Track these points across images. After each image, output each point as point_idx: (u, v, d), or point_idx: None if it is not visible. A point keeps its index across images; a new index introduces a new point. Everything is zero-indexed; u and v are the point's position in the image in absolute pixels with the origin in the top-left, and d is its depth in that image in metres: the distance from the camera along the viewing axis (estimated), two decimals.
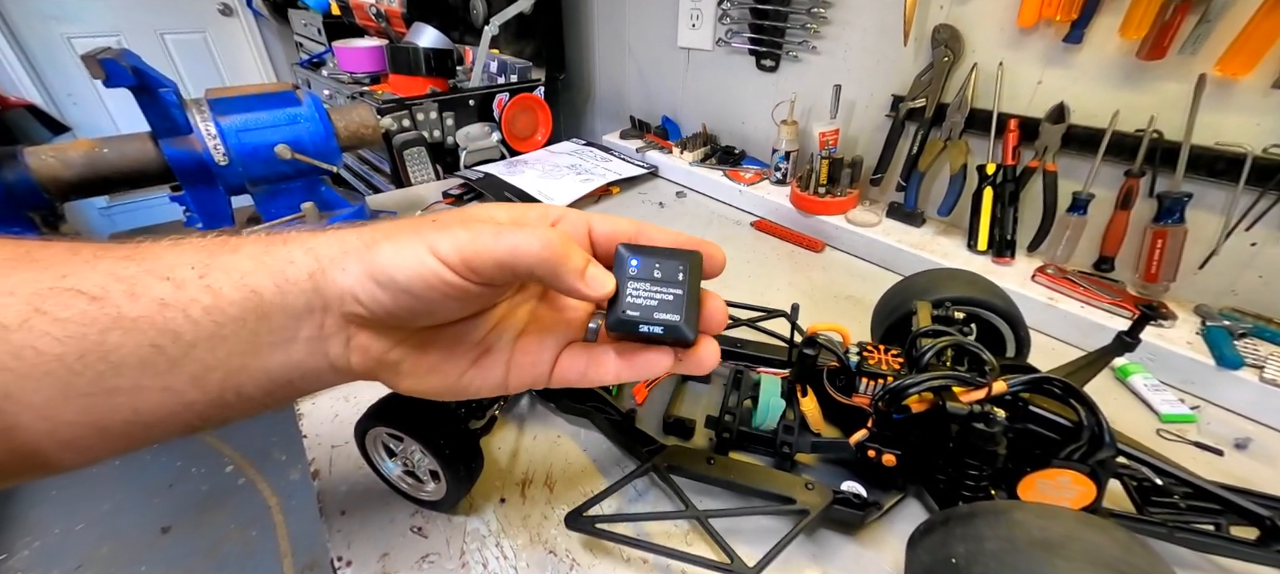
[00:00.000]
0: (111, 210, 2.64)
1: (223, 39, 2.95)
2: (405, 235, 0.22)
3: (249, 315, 0.22)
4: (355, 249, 0.22)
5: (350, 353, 0.24)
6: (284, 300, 0.22)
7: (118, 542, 1.31)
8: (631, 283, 0.23)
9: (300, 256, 0.22)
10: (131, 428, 0.21)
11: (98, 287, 0.20)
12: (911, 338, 0.39)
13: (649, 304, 0.22)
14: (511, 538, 0.38)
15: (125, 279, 0.20)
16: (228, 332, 0.21)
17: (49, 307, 0.19)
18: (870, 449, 0.37)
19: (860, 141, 0.81)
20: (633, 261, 0.23)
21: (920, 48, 0.69)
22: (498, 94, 1.15)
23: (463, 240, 0.21)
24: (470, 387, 0.26)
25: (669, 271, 0.23)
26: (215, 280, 0.21)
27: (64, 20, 2.52)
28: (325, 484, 0.42)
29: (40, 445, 0.20)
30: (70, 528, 1.34)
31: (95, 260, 0.20)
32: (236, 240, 0.23)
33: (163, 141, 0.68)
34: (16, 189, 0.61)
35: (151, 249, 0.22)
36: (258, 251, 0.22)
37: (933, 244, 0.70)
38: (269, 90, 0.74)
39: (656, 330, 0.22)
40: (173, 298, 0.21)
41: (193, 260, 0.22)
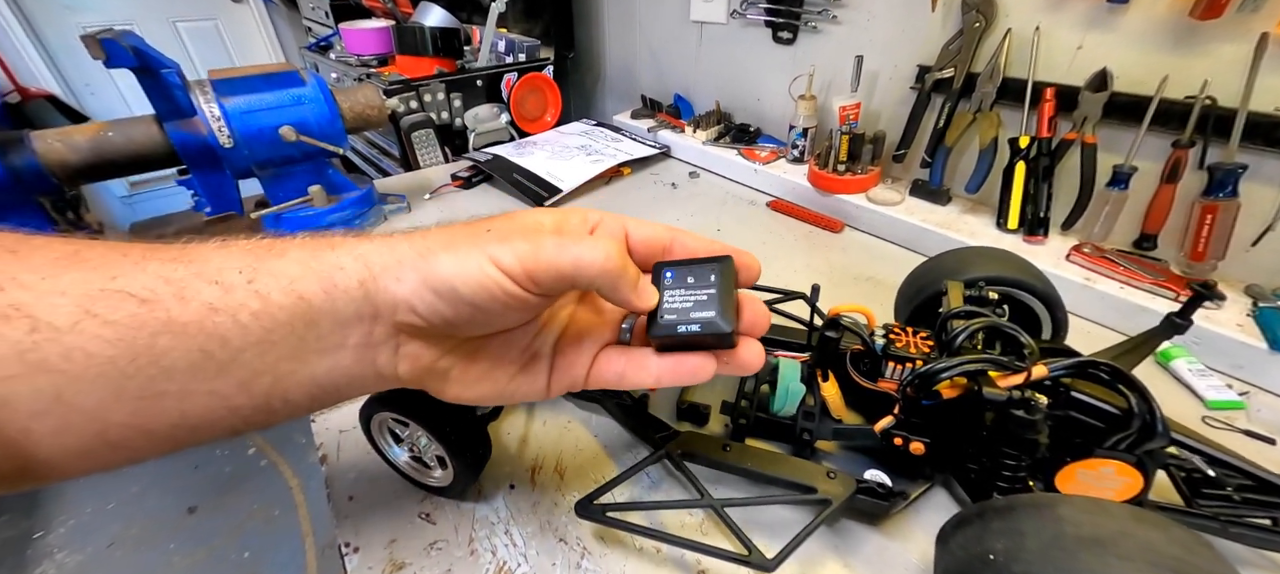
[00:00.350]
0: (133, 199, 2.68)
1: (234, 25, 2.97)
2: (463, 245, 0.22)
3: (297, 322, 0.22)
4: (409, 259, 0.22)
5: (398, 361, 0.24)
6: (333, 307, 0.22)
7: (147, 521, 1.35)
8: (667, 292, 0.24)
9: (350, 263, 0.22)
10: (177, 430, 0.21)
11: (147, 289, 0.20)
12: (942, 319, 0.37)
13: (684, 307, 0.23)
14: (521, 525, 0.37)
15: (174, 281, 0.20)
16: (276, 337, 0.21)
17: (99, 309, 0.19)
18: (897, 437, 0.35)
19: (883, 116, 0.77)
20: (668, 274, 0.24)
21: (949, 14, 0.65)
22: (506, 74, 1.13)
23: (524, 252, 0.22)
24: (517, 393, 0.26)
25: (701, 277, 0.24)
26: (263, 285, 0.21)
27: (80, 10, 2.54)
28: (333, 469, 0.41)
29: (90, 446, 0.20)
30: (102, 507, 1.39)
31: (144, 262, 0.20)
32: (283, 243, 0.23)
33: (168, 124, 0.68)
34: (24, 174, 0.61)
35: (199, 251, 0.22)
36: (305, 257, 0.22)
37: (959, 223, 0.66)
38: (272, 71, 0.73)
39: (694, 328, 0.23)
40: (221, 302, 0.20)
41: (241, 264, 0.21)
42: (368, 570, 0.34)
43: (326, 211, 0.77)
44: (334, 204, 0.77)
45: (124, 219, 2.78)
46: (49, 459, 0.19)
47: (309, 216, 0.76)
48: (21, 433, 0.19)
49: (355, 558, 0.35)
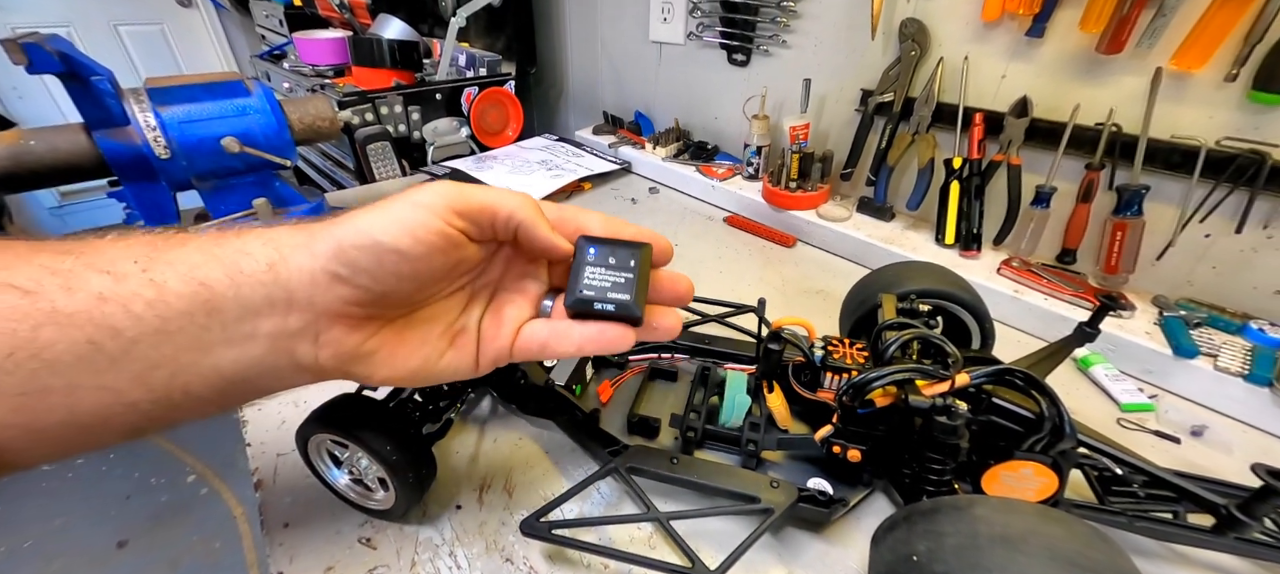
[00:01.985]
0: (63, 210, 2.51)
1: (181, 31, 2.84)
2: (384, 204, 0.22)
3: (197, 310, 0.21)
4: (321, 230, 0.22)
5: (319, 349, 0.23)
6: (238, 293, 0.21)
7: (69, 558, 1.25)
8: (588, 267, 0.25)
9: (258, 248, 0.22)
10: (67, 430, 0.20)
11: (31, 281, 0.19)
12: (876, 331, 0.38)
13: (603, 286, 0.25)
14: (466, 546, 0.36)
15: (61, 272, 0.19)
16: (174, 327, 0.21)
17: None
18: (835, 445, 0.36)
19: (831, 136, 0.81)
20: (591, 250, 0.25)
21: (888, 42, 0.69)
22: (466, 88, 1.12)
23: (447, 189, 0.23)
24: (447, 368, 0.26)
25: (622, 259, 0.25)
26: (160, 274, 0.20)
27: (10, 10, 2.39)
28: (269, 495, 0.39)
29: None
30: (17, 546, 1.27)
31: (30, 255, 0.20)
32: (186, 235, 0.22)
33: (97, 133, 0.64)
34: None
35: (92, 244, 0.21)
36: (208, 244, 0.22)
37: (902, 238, 0.70)
38: (215, 80, 0.70)
39: (609, 308, 0.25)
40: (112, 292, 0.20)
41: (136, 254, 0.21)
42: None
43: None
44: (282, 217, 0.75)
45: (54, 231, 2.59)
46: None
47: None
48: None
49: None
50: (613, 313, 0.25)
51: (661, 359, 0.50)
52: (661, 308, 0.27)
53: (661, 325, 0.26)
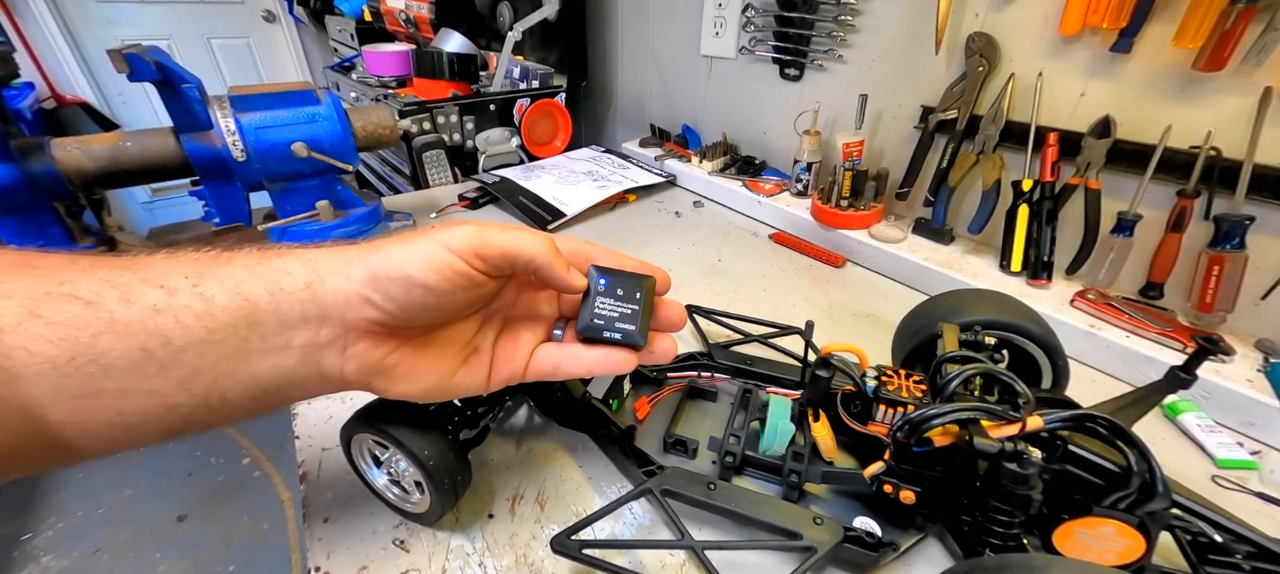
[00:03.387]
0: (154, 204, 2.74)
1: (264, 44, 3.08)
2: (413, 240, 0.25)
3: (240, 323, 0.23)
4: (357, 257, 0.24)
5: (345, 362, 0.25)
6: (277, 308, 0.23)
7: (136, 528, 1.34)
8: (599, 297, 0.29)
9: (297, 268, 0.24)
10: (114, 429, 0.22)
11: (93, 292, 0.21)
12: (936, 363, 0.36)
13: (611, 315, 0.28)
14: (496, 558, 0.36)
15: (119, 285, 0.21)
16: (218, 337, 0.22)
17: (45, 310, 0.20)
18: (886, 484, 0.33)
19: (887, 154, 0.77)
20: (601, 281, 0.29)
21: (953, 57, 0.66)
22: (519, 99, 1.15)
23: (472, 234, 0.25)
24: (460, 385, 0.28)
25: (629, 291, 0.29)
26: (208, 288, 0.22)
27: (120, 25, 2.64)
28: (312, 488, 0.40)
29: (24, 445, 0.20)
30: (92, 512, 1.38)
31: (92, 269, 0.22)
32: (231, 253, 0.24)
33: (184, 136, 0.69)
34: (42, 180, 0.63)
35: (147, 260, 0.23)
36: (252, 263, 0.24)
37: (962, 263, 0.66)
38: (290, 89, 0.75)
39: (616, 336, 0.28)
40: (165, 304, 0.22)
41: (187, 270, 0.23)
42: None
43: (332, 226, 0.78)
44: (340, 219, 0.78)
45: (144, 223, 2.84)
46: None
47: (314, 231, 0.77)
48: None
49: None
50: (619, 340, 0.28)
51: (701, 379, 0.48)
52: (660, 334, 0.31)
53: (659, 349, 0.30)
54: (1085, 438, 0.31)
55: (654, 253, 0.76)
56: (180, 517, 1.37)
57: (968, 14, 0.63)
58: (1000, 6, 0.60)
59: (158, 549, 1.29)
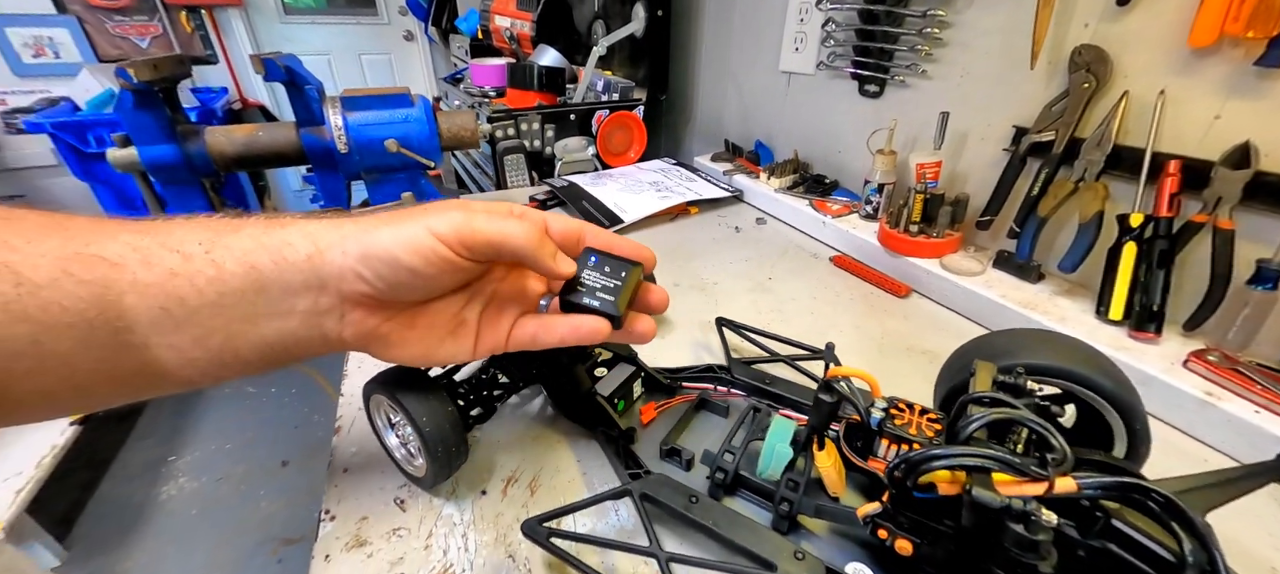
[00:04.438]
0: (303, 192, 3.18)
1: (402, 59, 3.51)
2: (403, 220, 0.26)
3: (249, 289, 0.25)
4: (353, 234, 0.26)
5: (344, 327, 0.27)
6: (282, 277, 0.25)
7: (249, 466, 1.56)
8: (588, 271, 0.30)
9: (299, 240, 0.26)
10: (138, 379, 0.25)
11: (118, 255, 0.23)
12: (960, 403, 0.31)
13: (594, 286, 0.30)
14: (479, 532, 0.37)
15: (141, 249, 0.23)
16: (229, 302, 0.25)
17: (75, 269, 0.22)
18: (881, 528, 0.30)
19: (971, 178, 0.70)
20: (593, 258, 0.31)
21: (1054, 72, 0.58)
22: (598, 110, 1.19)
23: (459, 222, 0.26)
24: (446, 354, 0.30)
25: (616, 270, 0.30)
26: (219, 256, 0.24)
27: (296, 42, 3.13)
28: (341, 440, 0.45)
29: (57, 389, 0.23)
30: (221, 447, 1.62)
31: (116, 232, 0.24)
32: (239, 222, 0.26)
33: (302, 129, 0.81)
34: (195, 159, 0.76)
35: (165, 225, 0.25)
36: (258, 232, 0.26)
37: (1048, 305, 0.57)
38: (389, 92, 0.84)
39: (594, 304, 0.29)
40: (181, 269, 0.24)
41: (200, 237, 0.25)
42: (335, 540, 0.36)
43: None
44: None
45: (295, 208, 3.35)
46: (20, 398, 0.22)
47: None
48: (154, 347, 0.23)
49: (329, 525, 0.37)
50: (596, 308, 0.29)
51: (715, 392, 0.47)
52: (639, 315, 0.31)
53: (637, 330, 0.31)
54: (1137, 515, 0.25)
55: (703, 264, 0.75)
56: (284, 462, 1.57)
57: (1074, 25, 0.55)
58: (1114, 16, 0.52)
59: (263, 487, 1.49)
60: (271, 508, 1.44)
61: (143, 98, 0.69)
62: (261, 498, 1.46)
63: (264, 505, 1.44)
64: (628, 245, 0.31)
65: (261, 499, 1.46)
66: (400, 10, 3.22)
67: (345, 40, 3.30)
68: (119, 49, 2.67)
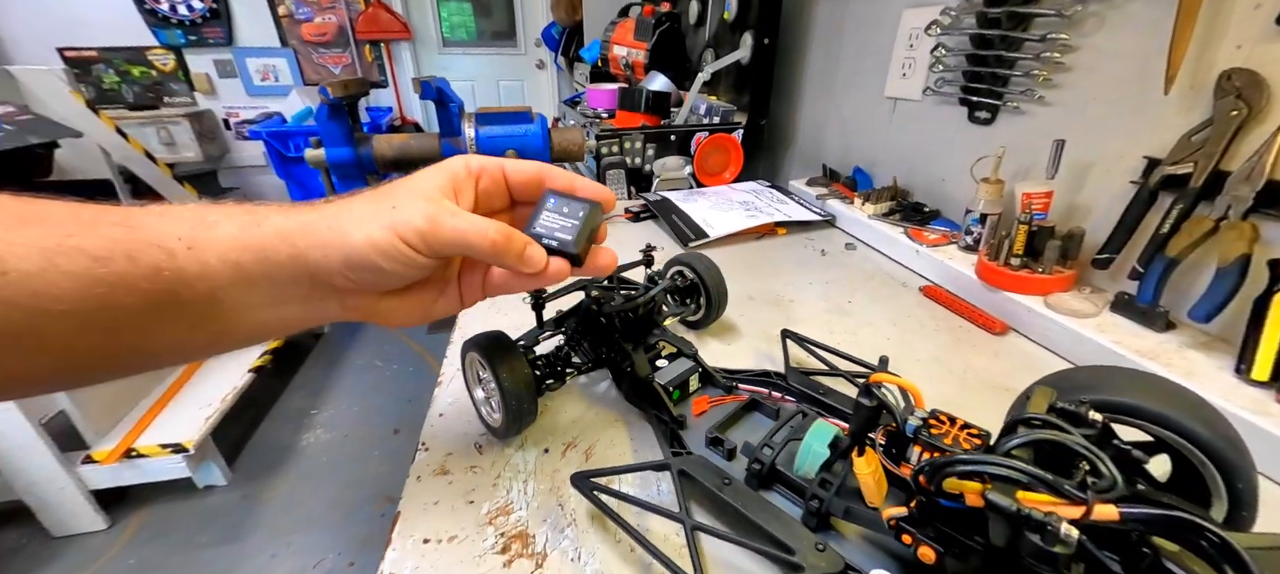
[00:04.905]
0: None
1: (534, 85, 3.90)
2: (372, 223, 0.26)
3: (238, 285, 0.26)
4: (330, 239, 0.26)
5: (344, 310, 0.30)
6: (268, 274, 0.26)
7: (367, 428, 1.80)
8: (546, 213, 0.32)
9: (281, 247, 0.26)
10: (137, 355, 0.26)
11: (102, 249, 0.22)
12: (1008, 423, 0.31)
13: (552, 227, 0.32)
14: (537, 481, 0.42)
15: (122, 243, 0.23)
16: (220, 296, 0.25)
17: (60, 262, 0.22)
18: (906, 534, 0.30)
19: (1093, 212, 0.63)
20: (551, 200, 0.33)
21: (1197, 98, 0.52)
22: (698, 133, 1.25)
23: (424, 226, 0.27)
24: (439, 311, 0.34)
25: (573, 211, 0.32)
26: (202, 253, 0.25)
27: (449, 70, 3.62)
28: (440, 392, 0.53)
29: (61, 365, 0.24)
30: (350, 408, 1.89)
31: (94, 224, 0.23)
32: (214, 217, 0.26)
33: (444, 139, 0.96)
34: (364, 159, 0.93)
35: (140, 217, 0.24)
36: (236, 231, 0.26)
37: (1175, 357, 0.50)
38: (513, 110, 0.97)
39: (553, 244, 0.31)
40: (167, 265, 0.24)
41: (180, 232, 0.25)
42: (425, 467, 0.44)
43: None
44: None
45: None
46: (23, 375, 0.23)
47: None
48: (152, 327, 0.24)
49: (423, 454, 0.45)
50: (556, 248, 0.31)
51: (769, 397, 0.48)
52: (601, 248, 0.33)
53: (600, 263, 0.33)
54: (1195, 560, 0.23)
55: (781, 282, 0.76)
56: (396, 430, 1.79)
57: (1224, 46, 0.49)
58: (1274, 36, 0.46)
59: (376, 448, 1.71)
60: (381, 468, 1.65)
61: (334, 110, 0.88)
62: (374, 458, 1.68)
63: (375, 465, 1.66)
64: (588, 186, 0.32)
65: (374, 459, 1.68)
66: (536, 42, 3.59)
67: (488, 68, 3.75)
68: (319, 75, 3.28)
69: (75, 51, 2.85)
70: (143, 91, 2.95)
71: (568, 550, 0.37)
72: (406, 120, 3.48)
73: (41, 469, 1.34)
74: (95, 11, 2.85)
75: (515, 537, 0.37)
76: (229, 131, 3.17)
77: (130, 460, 1.42)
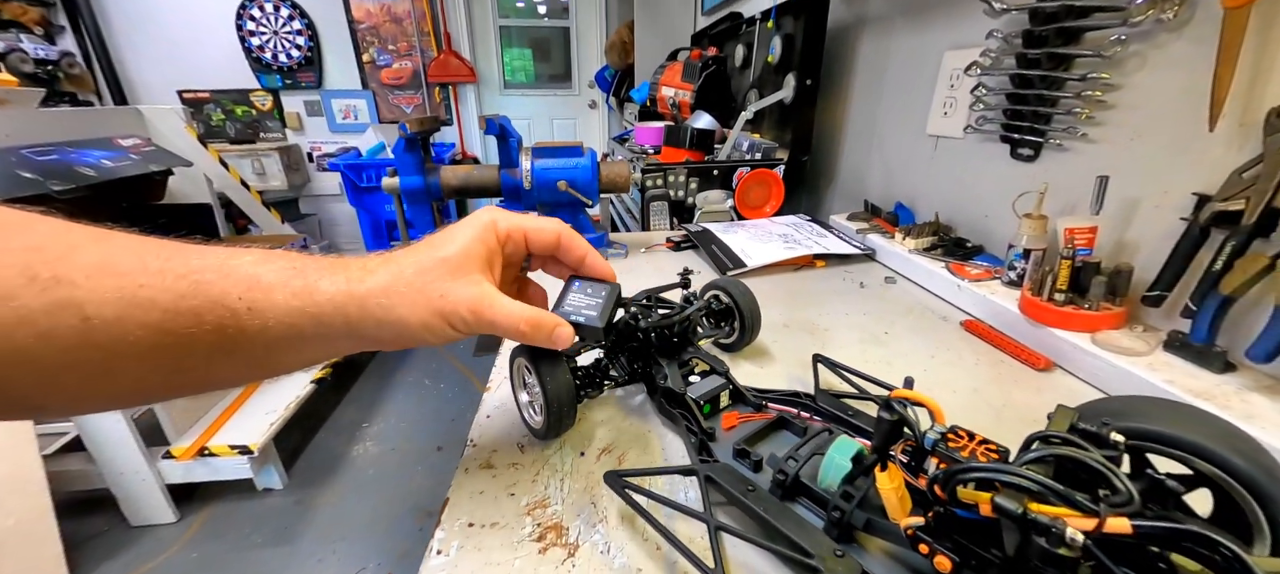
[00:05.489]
0: None
1: (586, 123, 4.10)
2: (423, 310, 0.31)
3: (292, 340, 0.30)
4: (386, 321, 0.31)
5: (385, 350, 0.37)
6: (321, 333, 0.30)
7: (412, 444, 1.87)
8: (573, 293, 0.42)
9: (332, 314, 0.30)
10: (201, 386, 0.30)
11: (172, 303, 0.26)
12: (1028, 439, 0.31)
13: (579, 306, 0.41)
14: (573, 481, 0.45)
15: (188, 299, 0.26)
16: (275, 347, 0.29)
17: (134, 313, 0.25)
18: (923, 543, 0.31)
19: (1142, 249, 0.62)
20: (576, 283, 0.42)
21: (1246, 135, 0.51)
22: (739, 168, 1.29)
23: (472, 321, 0.32)
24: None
25: (596, 292, 0.42)
26: (262, 315, 0.28)
27: (509, 110, 3.87)
28: (489, 396, 0.57)
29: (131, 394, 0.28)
30: (398, 424, 1.98)
31: (163, 274, 0.26)
32: (269, 278, 0.29)
33: (503, 170, 1.04)
34: (432, 188, 1.02)
35: (202, 273, 0.27)
36: (289, 298, 0.29)
37: (1233, 399, 0.48)
38: (566, 145, 1.04)
39: (580, 320, 0.40)
40: (229, 322, 0.27)
41: (239, 292, 0.28)
42: (472, 459, 0.48)
43: None
44: None
45: None
46: (98, 402, 0.27)
47: None
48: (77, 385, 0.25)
49: (470, 450, 0.49)
50: (582, 324, 0.39)
51: (797, 416, 0.49)
52: None
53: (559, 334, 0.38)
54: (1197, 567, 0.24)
55: (818, 311, 0.77)
56: (439, 447, 1.86)
57: (1273, 84, 0.49)
58: None
59: (419, 464, 1.78)
60: (423, 484, 1.71)
61: (410, 143, 0.97)
62: (417, 473, 1.75)
63: (418, 480, 1.72)
64: (598, 265, 0.41)
65: (417, 474, 1.75)
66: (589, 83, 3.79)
67: (545, 107, 3.98)
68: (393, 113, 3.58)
69: (191, 93, 3.26)
70: (243, 127, 3.31)
71: (599, 544, 0.39)
72: (467, 154, 3.72)
73: (128, 461, 1.48)
74: (210, 59, 3.26)
75: (551, 528, 0.40)
76: (311, 164, 3.50)
77: (202, 458, 1.55)
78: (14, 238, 0.23)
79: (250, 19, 3.23)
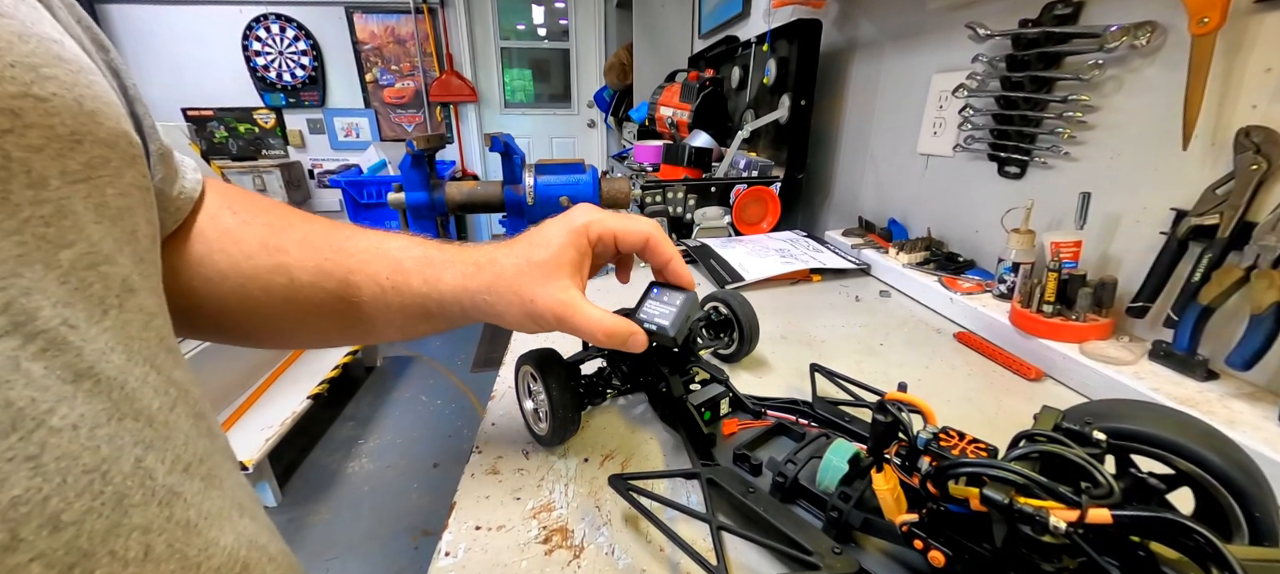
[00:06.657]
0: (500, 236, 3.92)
1: (585, 142, 4.15)
2: (515, 309, 0.37)
3: (421, 315, 0.39)
4: (516, 302, 0.37)
5: None
6: (443, 313, 0.38)
7: (409, 463, 1.87)
8: (650, 301, 0.42)
9: (451, 301, 0.38)
10: (357, 333, 0.40)
11: (344, 273, 0.36)
12: (1015, 438, 0.33)
13: (654, 314, 0.42)
14: (578, 486, 0.46)
15: (356, 273, 0.36)
16: (412, 317, 0.39)
17: (322, 281, 0.35)
18: (917, 539, 0.32)
19: (1125, 262, 0.64)
20: (655, 291, 0.43)
21: (1218, 153, 0.54)
22: (737, 185, 1.31)
23: (555, 325, 0.37)
24: None
25: (672, 299, 0.42)
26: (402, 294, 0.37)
27: (509, 127, 3.92)
28: (497, 403, 0.58)
29: (310, 339, 0.40)
30: (395, 441, 1.98)
31: (340, 250, 0.36)
32: (407, 267, 0.37)
33: (506, 187, 1.06)
34: (437, 203, 1.05)
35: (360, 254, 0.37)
36: (420, 282, 0.37)
37: (1216, 405, 0.50)
38: (568, 162, 1.07)
39: (653, 328, 0.40)
40: (378, 297, 0.37)
41: (387, 274, 0.37)
42: (478, 465, 0.49)
43: None
44: None
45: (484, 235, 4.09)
46: (291, 342, 0.40)
47: None
48: (287, 330, 0.37)
49: (476, 456, 0.50)
50: (655, 332, 0.40)
51: (796, 422, 0.51)
52: None
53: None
54: (1174, 554, 0.25)
55: (814, 324, 0.78)
56: (435, 463, 1.85)
57: (1240, 105, 0.52)
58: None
59: (416, 481, 1.77)
60: (419, 501, 1.70)
61: (416, 159, 1.00)
62: (413, 491, 1.74)
63: (414, 497, 1.71)
64: (681, 271, 0.42)
65: (413, 492, 1.74)
66: (588, 103, 3.85)
67: (544, 126, 4.03)
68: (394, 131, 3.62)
69: (196, 111, 3.30)
70: (245, 145, 3.35)
71: (603, 546, 0.40)
72: (467, 172, 3.76)
73: None
74: (215, 77, 3.31)
75: (556, 530, 0.41)
76: (312, 180, 3.53)
77: None
78: (257, 215, 0.33)
79: (257, 39, 3.28)
